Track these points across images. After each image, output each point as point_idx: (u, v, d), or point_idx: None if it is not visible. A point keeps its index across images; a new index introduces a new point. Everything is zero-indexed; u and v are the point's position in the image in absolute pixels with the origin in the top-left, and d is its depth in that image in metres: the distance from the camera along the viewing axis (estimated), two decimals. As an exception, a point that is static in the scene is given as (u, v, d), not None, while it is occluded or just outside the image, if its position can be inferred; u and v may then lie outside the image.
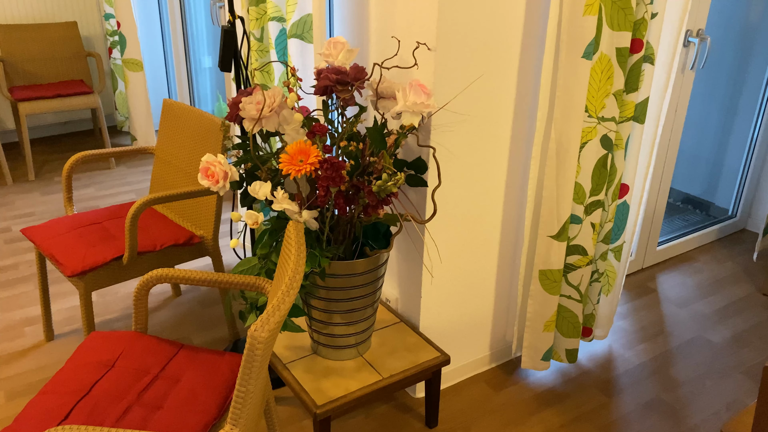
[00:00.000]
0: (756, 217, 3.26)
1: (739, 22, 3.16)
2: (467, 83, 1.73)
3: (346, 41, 1.64)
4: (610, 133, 1.87)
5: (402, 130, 1.58)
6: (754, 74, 3.11)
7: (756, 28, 3.08)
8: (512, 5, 1.72)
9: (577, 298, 2.07)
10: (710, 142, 3.39)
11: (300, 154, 1.48)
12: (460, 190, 1.86)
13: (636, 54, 1.82)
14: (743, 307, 2.62)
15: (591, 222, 1.98)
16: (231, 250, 2.96)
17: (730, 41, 3.20)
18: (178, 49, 4.07)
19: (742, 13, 3.13)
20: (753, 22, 3.10)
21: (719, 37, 3.23)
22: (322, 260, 1.56)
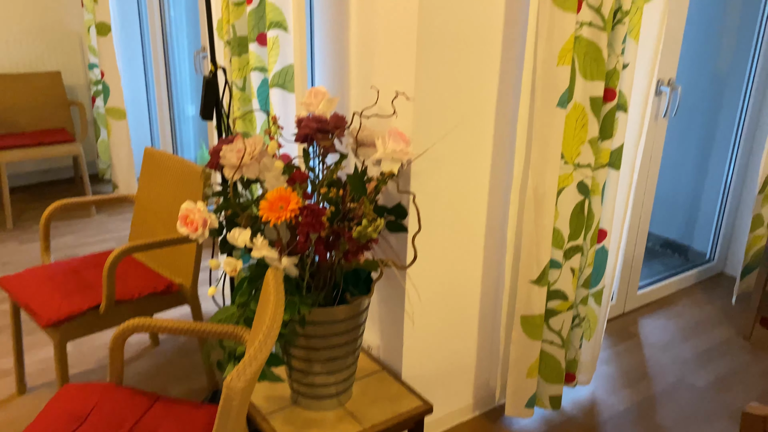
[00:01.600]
0: (733, 260, 3.31)
1: (708, 71, 3.27)
2: (445, 131, 1.76)
3: (326, 91, 1.67)
4: (587, 179, 1.91)
5: (382, 177, 1.60)
6: (725, 120, 3.20)
7: (725, 77, 3.19)
8: (488, 56, 1.77)
9: (559, 343, 2.06)
10: (686, 187, 3.46)
11: (280, 201, 1.49)
12: (440, 236, 1.87)
13: (609, 103, 1.88)
14: (724, 351, 2.63)
15: (570, 267, 1.99)
16: (211, 298, 2.93)
17: (702, 89, 3.30)
18: (162, 98, 4.10)
19: (712, 63, 3.25)
20: (722, 71, 3.21)
21: (691, 86, 3.33)
22: (301, 307, 1.55)
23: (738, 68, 3.10)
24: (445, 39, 1.66)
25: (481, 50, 1.75)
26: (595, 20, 1.74)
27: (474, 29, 1.71)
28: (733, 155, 3.17)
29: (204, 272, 3.22)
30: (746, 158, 3.15)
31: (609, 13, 1.74)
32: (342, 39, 1.91)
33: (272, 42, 2.01)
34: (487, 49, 1.76)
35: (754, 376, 2.46)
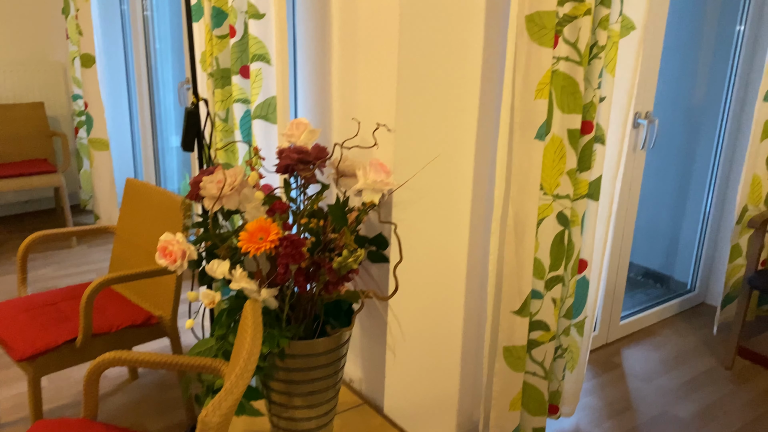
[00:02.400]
0: (713, 291, 3.33)
1: (685, 105, 3.34)
2: (426, 162, 1.77)
3: (308, 122, 1.68)
4: (566, 210, 1.93)
5: (363, 207, 1.60)
6: (702, 152, 3.26)
7: (701, 110, 3.26)
8: (467, 89, 1.80)
9: (542, 374, 2.05)
10: (667, 218, 3.50)
11: (260, 232, 1.48)
12: (422, 266, 1.87)
13: (587, 135, 1.91)
14: (707, 381, 2.63)
15: (552, 297, 2.00)
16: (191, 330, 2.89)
17: (679, 122, 3.37)
18: (146, 129, 4.11)
19: (688, 97, 3.33)
20: (698, 105, 3.28)
21: (669, 119, 3.40)
22: (281, 340, 1.53)
23: (713, 102, 3.17)
24: (425, 72, 1.69)
25: (461, 83, 1.78)
26: (572, 55, 1.78)
27: (453, 62, 1.74)
28: (711, 186, 3.22)
29: (184, 304, 3.18)
30: (724, 189, 3.20)
31: (585, 48, 1.78)
32: (324, 72, 1.94)
33: (255, 74, 2.03)
34: (466, 82, 1.79)
35: (736, 406, 2.46)
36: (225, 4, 2.09)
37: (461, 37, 1.74)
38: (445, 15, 1.68)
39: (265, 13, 1.97)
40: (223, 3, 2.09)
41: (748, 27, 2.98)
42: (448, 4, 1.68)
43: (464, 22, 1.73)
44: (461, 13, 1.71)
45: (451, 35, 1.71)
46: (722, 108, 3.12)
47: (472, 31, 1.76)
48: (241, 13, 2.04)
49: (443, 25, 1.69)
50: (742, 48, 3.01)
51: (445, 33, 1.70)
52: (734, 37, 3.03)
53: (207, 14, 2.13)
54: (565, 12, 1.75)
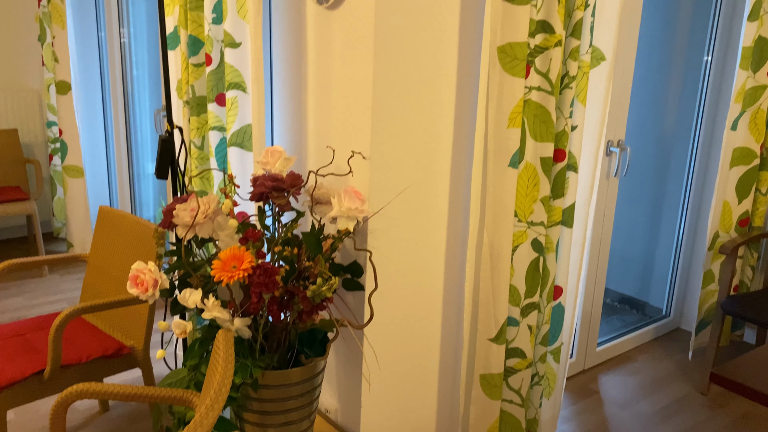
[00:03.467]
0: (688, 316, 3.37)
1: (657, 134, 3.41)
2: (401, 189, 1.78)
3: (283, 150, 1.69)
4: (540, 236, 1.94)
5: (338, 235, 1.60)
6: (674, 180, 3.32)
7: (672, 138, 3.33)
8: (442, 117, 1.82)
9: (519, 402, 2.05)
10: (641, 244, 3.54)
11: (233, 260, 1.47)
12: (398, 294, 1.87)
13: (559, 163, 1.93)
14: (683, 407, 2.64)
15: (528, 324, 2.00)
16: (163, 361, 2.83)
17: (652, 150, 3.44)
18: (121, 156, 4.08)
19: (660, 126, 3.40)
20: (670, 133, 3.35)
21: (641, 147, 3.47)
22: (254, 370, 1.51)
23: (684, 130, 3.25)
24: (400, 100, 1.71)
25: (435, 111, 1.80)
26: (543, 85, 1.81)
27: (427, 91, 1.76)
28: (683, 213, 3.27)
29: (157, 334, 3.13)
30: (696, 216, 3.26)
31: (556, 78, 1.81)
32: (300, 99, 1.95)
33: (231, 102, 2.03)
34: (440, 110, 1.81)
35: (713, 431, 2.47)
36: (201, 33, 2.10)
37: (435, 66, 1.76)
38: (418, 45, 1.71)
39: (241, 42, 1.98)
40: (200, 31, 2.10)
41: (715, 57, 3.07)
42: (421, 35, 1.71)
43: (438, 53, 1.76)
44: (435, 44, 1.74)
45: (425, 65, 1.74)
46: (692, 136, 3.20)
47: (446, 61, 1.79)
48: (218, 42, 2.05)
49: (417, 55, 1.71)
50: (709, 77, 3.09)
51: (419, 63, 1.72)
52: (702, 67, 3.12)
53: (183, 42, 2.13)
54: (536, 43, 1.78)
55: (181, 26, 2.13)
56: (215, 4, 2.03)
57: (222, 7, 2.02)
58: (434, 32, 1.73)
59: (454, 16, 1.76)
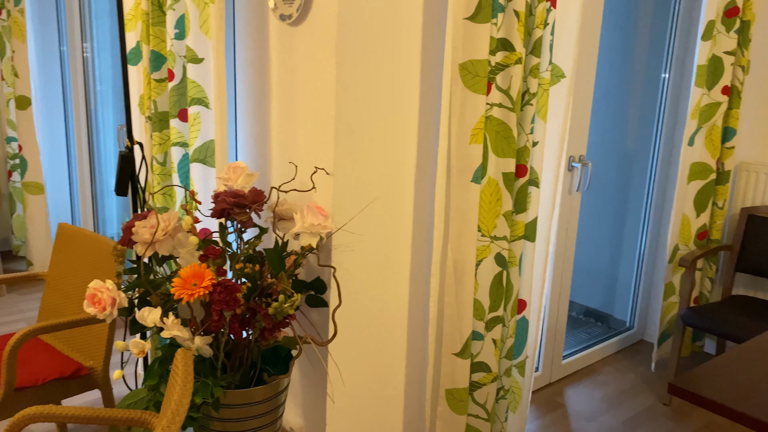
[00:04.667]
0: (651, 328, 3.42)
1: (618, 148, 3.49)
2: (364, 205, 1.78)
3: (245, 166, 1.68)
4: (504, 251, 1.96)
5: (302, 251, 1.59)
6: (636, 194, 3.40)
7: (633, 153, 3.41)
8: (405, 133, 1.83)
9: (485, 416, 2.05)
10: (605, 257, 3.60)
11: (194, 278, 1.45)
12: (363, 310, 1.86)
13: (521, 178, 1.96)
14: (647, 418, 2.67)
15: (492, 338, 2.01)
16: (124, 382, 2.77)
17: (613, 165, 3.51)
18: (84, 172, 4.00)
19: (620, 140, 3.48)
20: (630, 147, 3.43)
21: (603, 162, 3.54)
22: (215, 389, 1.48)
23: (644, 146, 3.32)
24: (364, 116, 1.71)
25: (399, 127, 1.81)
26: (504, 101, 1.84)
27: (391, 107, 1.78)
28: (645, 227, 3.34)
29: (117, 354, 3.06)
30: (657, 229, 3.33)
31: (517, 95, 1.84)
32: (264, 115, 1.94)
33: (193, 118, 2.02)
34: (404, 127, 1.83)
35: (675, 442, 2.50)
36: (164, 48, 2.09)
37: (398, 82, 1.78)
38: (381, 62, 1.72)
39: (203, 58, 1.97)
40: (162, 47, 2.09)
41: (672, 75, 3.16)
42: (384, 51, 1.72)
43: (401, 69, 1.78)
44: (398, 60, 1.76)
45: (388, 81, 1.75)
46: (652, 151, 3.27)
47: (409, 77, 1.80)
48: (180, 58, 2.04)
49: (380, 71, 1.73)
50: (667, 95, 3.18)
51: (382, 79, 1.73)
52: (660, 85, 3.21)
53: (146, 58, 2.11)
54: (497, 61, 1.81)
55: (143, 41, 2.11)
56: (178, 20, 2.02)
57: (184, 23, 2.01)
58: (397, 49, 1.75)
59: (416, 33, 1.78)
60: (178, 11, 2.00)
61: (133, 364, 2.86)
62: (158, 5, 2.06)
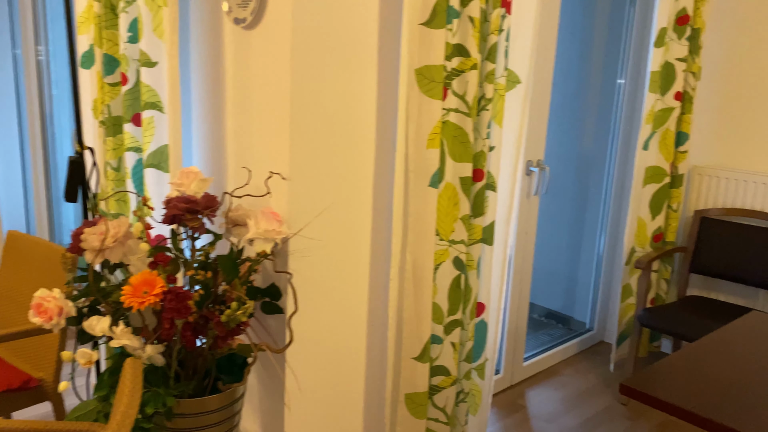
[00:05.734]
0: (610, 329, 3.48)
1: (576, 153, 3.55)
2: (321, 210, 1.77)
3: (199, 171, 1.65)
4: (462, 254, 1.97)
5: (256, 257, 1.57)
6: (594, 197, 3.46)
7: (591, 157, 3.47)
8: (363, 138, 1.83)
9: (444, 420, 2.05)
10: (565, 260, 3.66)
11: (145, 286, 1.42)
12: (321, 316, 1.85)
13: (479, 182, 1.97)
14: (605, 418, 2.72)
15: (451, 341, 2.02)
16: (74, 393, 2.69)
17: (572, 169, 3.57)
18: (39, 178, 3.90)
19: (578, 145, 3.54)
20: (588, 152, 3.49)
21: (562, 166, 3.59)
22: (167, 399, 1.46)
23: (601, 150, 3.39)
24: (319, 121, 1.71)
25: (356, 132, 1.81)
26: (461, 107, 1.85)
27: (347, 112, 1.77)
28: (602, 229, 3.40)
29: (70, 365, 2.97)
30: (614, 232, 3.39)
31: (473, 101, 1.86)
32: (219, 120, 1.92)
33: (147, 122, 1.98)
34: (361, 131, 1.82)
35: (633, 441, 2.55)
36: (117, 52, 2.05)
37: (355, 87, 1.77)
38: (337, 66, 1.72)
39: (157, 62, 1.94)
40: (115, 50, 2.05)
41: (628, 81, 3.23)
42: (340, 56, 1.72)
43: (357, 74, 1.77)
44: (354, 65, 1.76)
45: (344, 86, 1.75)
46: (609, 156, 3.34)
47: (366, 81, 1.80)
48: (133, 61, 2.00)
49: (336, 75, 1.72)
50: (623, 100, 3.25)
51: (338, 83, 1.73)
52: (616, 90, 3.27)
53: (98, 61, 2.07)
54: (452, 66, 1.83)
55: (96, 45, 2.07)
56: (131, 23, 1.98)
57: (138, 26, 1.97)
58: (353, 53, 1.75)
59: (372, 38, 1.78)
60: (131, 14, 1.97)
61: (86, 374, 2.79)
62: (111, 8, 2.02)
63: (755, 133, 2.92)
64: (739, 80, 2.94)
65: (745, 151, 2.96)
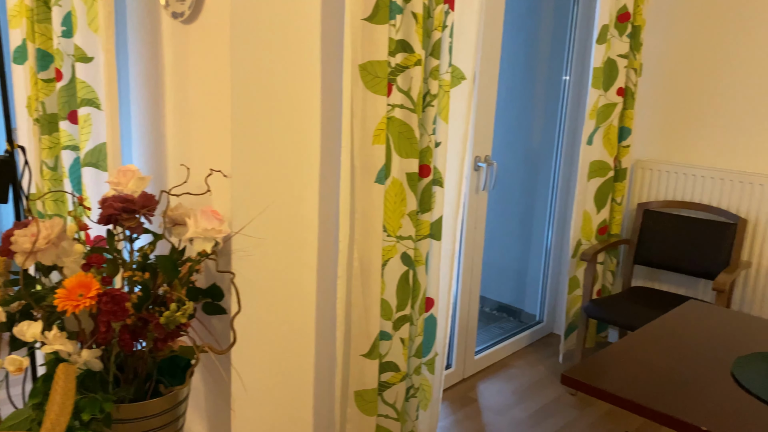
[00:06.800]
0: (559, 321, 3.55)
1: (524, 148, 3.60)
2: (264, 208, 1.75)
3: (137, 169, 1.61)
4: (409, 250, 1.97)
5: (197, 257, 1.54)
6: (541, 192, 3.52)
7: (539, 152, 3.53)
8: (308, 133, 1.81)
9: (395, 416, 2.06)
10: (515, 254, 3.71)
11: (79, 288, 1.38)
12: (267, 315, 1.82)
13: (425, 178, 1.98)
14: (555, 409, 2.77)
15: (400, 337, 2.02)
16: (10, 402, 2.60)
17: (520, 164, 3.62)
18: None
19: (526, 141, 3.59)
20: (536, 147, 3.55)
21: (511, 162, 3.64)
22: (105, 405, 1.41)
23: (548, 145, 3.45)
24: (262, 117, 1.68)
25: (300, 128, 1.79)
26: (406, 103, 1.85)
27: (291, 107, 1.75)
28: (550, 223, 3.47)
29: (16, 371, 2.86)
30: (562, 225, 3.46)
31: (418, 96, 1.86)
32: (158, 117, 1.87)
33: (84, 120, 1.92)
34: (306, 127, 1.80)
35: (581, 430, 2.60)
36: (50, 47, 1.97)
37: (298, 82, 1.75)
38: (278, 61, 1.69)
39: (93, 57, 1.88)
40: (49, 45, 1.97)
41: (573, 77, 3.29)
42: (281, 51, 1.69)
43: (300, 69, 1.75)
44: (296, 60, 1.74)
45: (286, 81, 1.72)
46: (555, 151, 3.40)
47: (309, 77, 1.78)
48: (68, 57, 1.93)
49: (277, 70, 1.70)
50: (568, 96, 3.31)
51: (280, 78, 1.71)
52: (562, 87, 3.33)
53: (32, 57, 1.99)
54: (397, 62, 1.82)
55: (28, 39, 1.99)
56: (65, 17, 1.91)
57: (72, 20, 1.90)
58: (295, 48, 1.72)
59: (314, 33, 1.77)
60: (65, 7, 1.90)
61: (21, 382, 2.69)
62: (43, 1, 1.94)
63: (693, 128, 3.02)
64: (678, 77, 3.03)
65: (684, 145, 3.06)
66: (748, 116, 2.85)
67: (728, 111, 2.90)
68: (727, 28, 2.86)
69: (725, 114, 2.91)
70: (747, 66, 2.83)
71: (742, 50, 2.83)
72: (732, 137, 2.91)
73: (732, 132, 2.90)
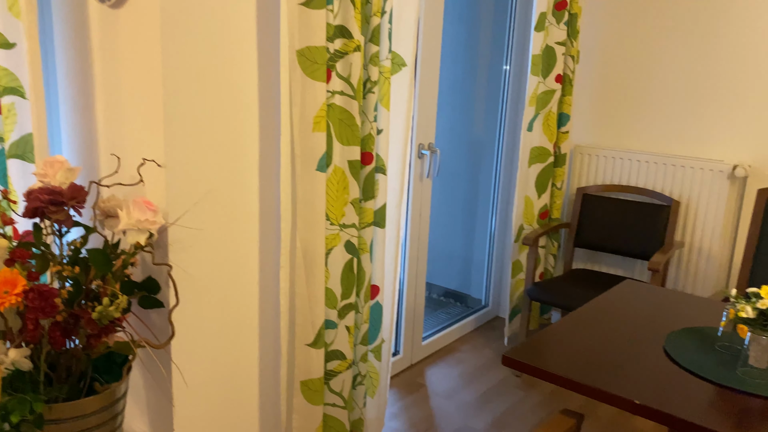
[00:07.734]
0: (504, 304, 3.62)
1: (467, 136, 3.64)
2: (200, 197, 1.71)
3: (65, 160, 1.54)
4: (353, 238, 1.97)
5: (131, 250, 1.49)
6: (485, 178, 3.56)
7: (481, 140, 3.57)
8: (245, 121, 1.77)
9: (341, 404, 2.06)
10: (460, 240, 3.76)
11: (5, 285, 1.31)
12: (208, 307, 1.78)
13: (368, 166, 1.97)
14: (501, 391, 2.83)
15: (346, 325, 2.01)
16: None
17: (464, 152, 3.66)
18: None
19: (469, 128, 3.63)
20: (479, 135, 3.59)
21: (455, 149, 3.67)
22: (35, 405, 1.35)
23: (490, 133, 3.49)
24: (196, 104, 1.64)
25: (237, 115, 1.75)
26: (346, 89, 1.84)
27: (227, 94, 1.71)
28: (494, 209, 3.52)
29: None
30: (505, 211, 3.52)
31: (358, 83, 1.85)
32: (88, 105, 1.80)
33: (8, 109, 1.82)
34: (243, 114, 1.77)
35: (526, 410, 2.67)
36: (-32, 32, 1.86)
37: (234, 68, 1.71)
38: (213, 46, 1.65)
39: (15, 43, 1.78)
40: (-34, 30, 1.86)
41: (513, 65, 3.34)
42: (215, 35, 1.65)
43: (235, 54, 1.71)
44: (231, 45, 1.69)
45: (221, 66, 1.68)
46: (497, 138, 3.45)
47: (245, 63, 1.74)
48: (-12, 42, 1.83)
49: (212, 56, 1.65)
50: (509, 84, 3.36)
51: (214, 64, 1.66)
52: (502, 75, 3.38)
53: (-52, 42, 1.88)
54: (336, 48, 1.80)
55: (-57, 24, 1.87)
56: (-17, 0, 1.81)
57: (-9, 3, 1.80)
58: (229, 33, 1.68)
59: (250, 17, 1.73)
60: (-17, -10, 1.80)
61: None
62: (-41, -17, 1.83)
63: (628, 114, 3.11)
64: (613, 64, 3.12)
65: (620, 130, 3.15)
66: (680, 102, 2.96)
67: (661, 98, 3.00)
68: (661, 18, 2.96)
69: (658, 100, 3.01)
70: (678, 54, 2.93)
71: (674, 38, 2.93)
72: (665, 122, 3.01)
73: (665, 117, 3.01)
